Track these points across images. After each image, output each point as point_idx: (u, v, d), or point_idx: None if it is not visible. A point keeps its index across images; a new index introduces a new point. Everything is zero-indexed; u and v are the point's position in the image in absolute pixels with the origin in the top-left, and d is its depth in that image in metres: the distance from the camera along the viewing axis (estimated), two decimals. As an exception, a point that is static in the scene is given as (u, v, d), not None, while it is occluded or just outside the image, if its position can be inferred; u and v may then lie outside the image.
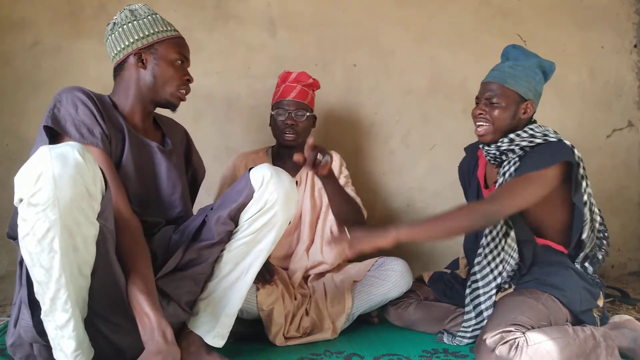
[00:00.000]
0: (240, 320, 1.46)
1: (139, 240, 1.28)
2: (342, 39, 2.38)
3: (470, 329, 1.61)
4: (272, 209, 1.33)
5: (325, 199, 1.96)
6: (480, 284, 1.62)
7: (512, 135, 1.60)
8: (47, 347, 1.14)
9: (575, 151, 1.54)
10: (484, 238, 1.64)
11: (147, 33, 1.43)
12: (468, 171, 1.87)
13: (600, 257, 1.64)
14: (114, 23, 1.46)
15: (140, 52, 1.43)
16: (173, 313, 1.32)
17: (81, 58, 2.21)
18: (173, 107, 1.51)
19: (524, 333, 1.36)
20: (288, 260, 1.94)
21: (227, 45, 2.30)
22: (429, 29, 2.44)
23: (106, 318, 1.20)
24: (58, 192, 0.99)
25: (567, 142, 1.55)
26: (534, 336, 1.35)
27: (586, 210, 1.55)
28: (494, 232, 1.62)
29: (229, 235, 1.37)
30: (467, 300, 1.64)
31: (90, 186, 1.05)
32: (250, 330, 1.66)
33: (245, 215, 1.35)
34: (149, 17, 1.45)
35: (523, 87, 1.60)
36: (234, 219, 1.36)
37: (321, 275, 1.91)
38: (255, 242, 1.36)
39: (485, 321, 1.56)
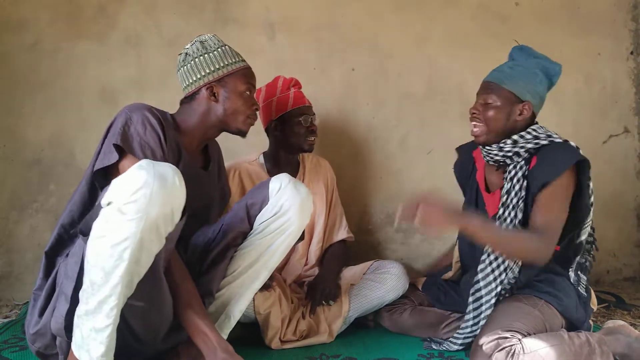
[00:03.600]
0: (236, 324, 1.46)
1: (176, 255, 1.30)
2: (341, 42, 2.39)
3: (462, 336, 1.58)
4: (287, 213, 1.39)
5: (319, 206, 1.97)
6: (483, 292, 1.56)
7: (515, 137, 1.57)
8: (69, 343, 1.17)
9: (581, 152, 1.54)
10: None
11: (217, 66, 1.45)
12: (465, 172, 1.83)
13: (587, 264, 1.63)
14: (186, 54, 1.47)
15: (211, 85, 1.45)
16: None
17: (80, 59, 2.21)
18: (244, 135, 1.53)
19: (520, 340, 1.36)
20: (282, 271, 1.94)
21: (226, 48, 2.31)
22: (427, 33, 2.45)
23: (133, 328, 1.21)
24: (149, 209, 1.04)
25: (572, 143, 1.55)
26: (530, 343, 1.35)
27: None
28: None
29: (243, 237, 1.43)
30: (470, 307, 1.58)
31: (175, 210, 1.10)
32: (246, 333, 1.66)
33: (260, 219, 1.42)
34: (219, 49, 1.47)
35: (519, 87, 1.57)
36: (249, 221, 1.43)
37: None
38: (268, 244, 1.42)
39: (479, 328, 1.54)
